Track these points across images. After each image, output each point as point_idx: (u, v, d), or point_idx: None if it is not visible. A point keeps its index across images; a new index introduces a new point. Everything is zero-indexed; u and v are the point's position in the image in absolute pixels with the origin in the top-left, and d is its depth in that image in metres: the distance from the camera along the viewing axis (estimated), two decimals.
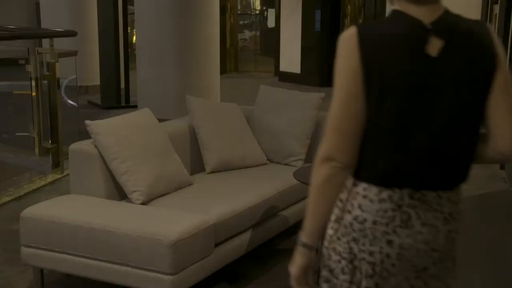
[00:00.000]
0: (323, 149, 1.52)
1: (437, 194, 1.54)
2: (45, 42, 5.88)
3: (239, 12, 14.61)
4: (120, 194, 3.26)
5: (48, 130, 5.43)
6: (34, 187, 4.90)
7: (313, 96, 4.03)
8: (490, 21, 8.25)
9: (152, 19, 6.32)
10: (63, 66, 5.44)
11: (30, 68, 5.35)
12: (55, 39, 5.30)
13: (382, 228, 1.52)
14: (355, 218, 1.54)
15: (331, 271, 1.61)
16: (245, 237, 3.23)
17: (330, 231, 1.61)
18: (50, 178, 5.15)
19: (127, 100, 8.72)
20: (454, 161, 1.55)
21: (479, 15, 8.71)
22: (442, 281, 1.61)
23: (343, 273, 1.58)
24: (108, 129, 3.21)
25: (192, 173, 3.73)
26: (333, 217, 1.60)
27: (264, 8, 14.91)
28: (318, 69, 10.77)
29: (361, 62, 1.47)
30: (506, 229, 4.18)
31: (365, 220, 1.53)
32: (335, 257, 1.59)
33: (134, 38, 8.57)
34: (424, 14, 1.48)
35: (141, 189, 3.17)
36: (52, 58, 5.20)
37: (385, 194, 1.52)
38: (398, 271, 1.55)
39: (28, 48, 5.42)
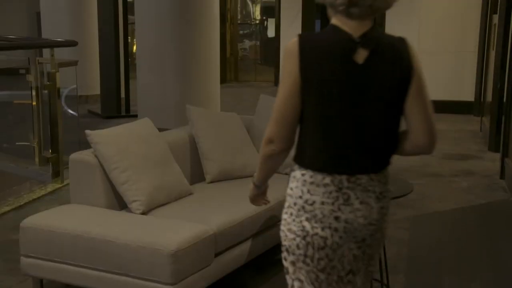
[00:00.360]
0: (266, 133, 1.88)
1: (369, 177, 1.86)
2: (46, 52, 5.91)
3: (239, 21, 14.65)
4: (120, 203, 3.26)
5: (48, 139, 5.43)
6: (34, 197, 4.89)
7: None
8: (490, 31, 8.28)
9: (152, 29, 6.34)
10: (63, 75, 5.45)
11: (30, 78, 5.37)
12: (55, 49, 5.32)
13: (329, 207, 1.84)
14: (306, 201, 1.86)
15: (287, 249, 1.92)
16: (245, 247, 3.22)
17: (285, 216, 1.93)
18: (50, 187, 5.15)
19: (127, 109, 8.73)
20: (379, 150, 1.87)
21: (478, 26, 8.74)
22: (374, 249, 1.95)
23: (298, 248, 1.89)
24: (108, 139, 3.22)
25: (192, 182, 3.73)
26: (286, 204, 1.92)
27: (264, 17, 14.96)
28: None
29: (300, 65, 1.78)
30: (506, 238, 4.18)
31: (314, 202, 1.85)
32: (290, 235, 1.90)
33: (135, 47, 8.60)
34: (354, 29, 1.80)
35: (141, 198, 3.17)
36: (53, 68, 5.21)
37: (328, 179, 1.84)
38: (344, 242, 1.87)
39: (28, 58, 5.45)
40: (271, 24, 13.92)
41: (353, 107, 1.80)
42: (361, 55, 1.78)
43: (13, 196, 4.88)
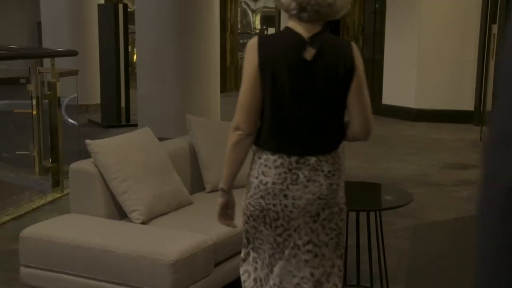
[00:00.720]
0: (233, 121, 2.16)
1: (317, 158, 2.15)
2: (46, 61, 5.92)
3: (239, 31, 14.69)
4: (120, 213, 3.26)
5: (49, 149, 5.43)
6: (34, 206, 4.89)
7: None
8: (489, 41, 8.30)
9: (152, 38, 6.36)
10: (63, 84, 5.46)
11: (31, 87, 5.37)
12: (56, 58, 5.33)
13: (278, 186, 2.13)
14: (261, 181, 2.16)
15: (248, 217, 2.24)
16: None
17: (246, 191, 2.23)
18: (50, 197, 5.15)
19: (128, 118, 8.73)
20: (325, 135, 2.16)
21: (478, 35, 8.75)
22: (332, 222, 2.21)
23: (258, 217, 2.20)
24: (108, 148, 3.22)
25: (192, 192, 3.72)
26: (249, 182, 2.21)
27: (264, 27, 14.99)
28: None
29: (259, 61, 2.10)
30: None
31: (267, 182, 2.15)
32: (250, 208, 2.21)
33: (135, 57, 8.61)
34: (304, 31, 2.12)
35: (141, 208, 3.17)
36: (53, 77, 5.22)
37: (278, 161, 2.13)
38: (297, 216, 2.15)
39: (29, 68, 5.45)
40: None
41: (302, 96, 2.11)
42: (309, 53, 2.10)
43: (13, 206, 4.88)
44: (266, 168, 2.15)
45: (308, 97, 2.11)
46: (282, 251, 2.20)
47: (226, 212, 2.30)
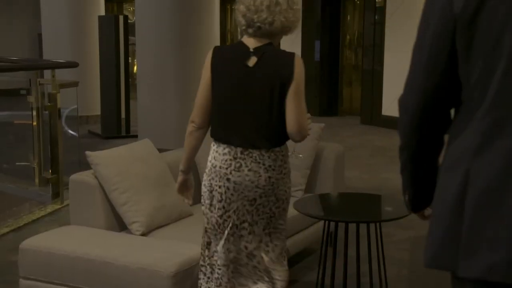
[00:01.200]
0: (191, 115, 2.61)
1: (260, 152, 2.50)
2: (47, 72, 5.94)
3: None
4: (120, 224, 3.26)
5: (49, 160, 5.43)
6: (34, 218, 4.88)
7: (313, 127, 4.04)
8: None
9: (152, 49, 6.38)
10: (64, 95, 5.47)
11: (31, 99, 5.38)
12: (56, 70, 5.34)
13: (224, 171, 2.51)
14: (212, 165, 2.55)
15: (203, 197, 2.62)
16: None
17: (204, 174, 2.61)
18: (49, 208, 5.14)
19: (128, 130, 8.74)
20: (264, 133, 2.50)
21: None
22: (266, 207, 2.56)
23: (208, 198, 2.59)
24: (108, 159, 3.22)
25: (192, 203, 3.71)
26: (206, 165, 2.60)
27: None
28: (317, 99, 10.83)
29: (211, 66, 2.53)
30: None
31: (216, 166, 2.53)
32: (204, 188, 2.61)
33: (135, 68, 8.64)
34: (251, 43, 2.51)
35: (140, 219, 3.16)
36: (54, 89, 5.23)
37: (226, 150, 2.52)
38: (236, 199, 2.52)
39: (30, 79, 5.47)
40: None
41: (244, 97, 2.49)
42: (252, 61, 2.48)
43: (12, 217, 4.87)
44: (216, 154, 2.55)
45: (249, 98, 2.49)
46: (222, 232, 2.57)
47: (185, 189, 2.76)
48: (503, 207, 1.35)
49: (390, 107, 9.49)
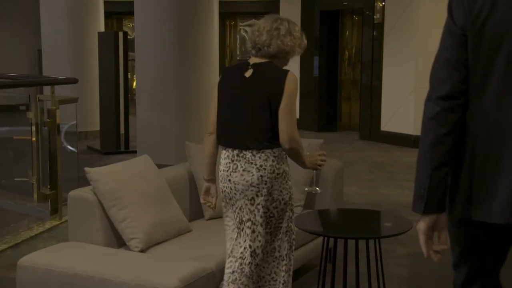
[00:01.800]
0: (207, 124, 2.96)
1: (252, 153, 2.76)
2: (46, 88, 5.95)
3: (238, 57, 14.79)
4: (118, 241, 3.25)
5: (47, 176, 5.42)
6: (32, 234, 4.86)
7: (312, 143, 4.05)
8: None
9: (152, 65, 6.41)
10: (63, 111, 5.47)
11: (31, 115, 5.39)
12: (56, 85, 5.35)
13: (225, 173, 2.82)
14: (220, 169, 2.86)
15: (222, 199, 2.90)
16: None
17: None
18: (48, 224, 5.12)
19: (127, 145, 8.73)
20: (256, 135, 2.77)
21: None
22: (265, 207, 2.77)
23: (223, 200, 2.90)
24: (107, 176, 3.22)
25: (191, 219, 3.72)
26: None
27: None
28: (316, 114, 10.85)
29: (220, 82, 2.94)
30: (509, 273, 4.13)
31: (221, 170, 2.84)
32: (220, 191, 2.90)
33: (134, 83, 8.66)
34: (253, 61, 2.88)
35: (139, 236, 3.16)
36: (53, 105, 5.24)
37: (226, 154, 2.84)
38: (238, 198, 2.79)
39: (29, 95, 5.47)
40: None
41: (240, 105, 2.82)
42: (248, 72, 2.83)
43: (11, 234, 4.85)
44: (221, 159, 2.86)
45: (244, 106, 2.80)
46: (237, 226, 2.84)
47: (209, 197, 2.98)
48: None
49: (388, 123, 9.51)
